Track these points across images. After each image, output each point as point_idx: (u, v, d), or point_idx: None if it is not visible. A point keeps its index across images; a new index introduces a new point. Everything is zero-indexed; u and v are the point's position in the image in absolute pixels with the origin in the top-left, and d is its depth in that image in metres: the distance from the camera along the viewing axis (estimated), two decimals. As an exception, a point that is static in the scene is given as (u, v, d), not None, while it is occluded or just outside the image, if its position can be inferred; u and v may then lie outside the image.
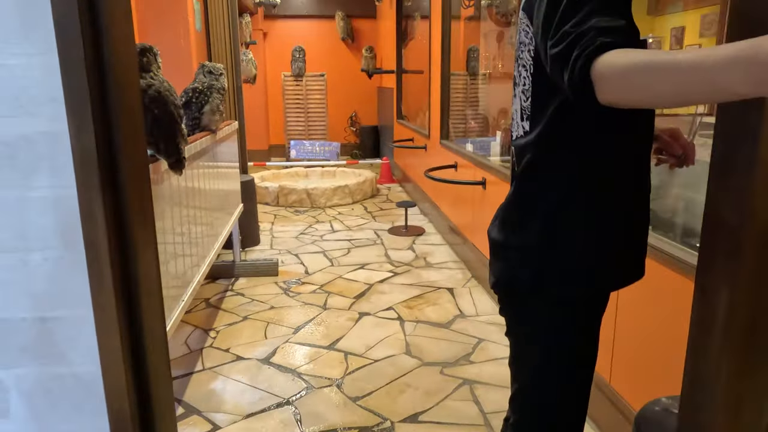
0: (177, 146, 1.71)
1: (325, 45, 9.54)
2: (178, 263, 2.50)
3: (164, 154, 1.74)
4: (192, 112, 2.77)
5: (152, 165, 1.79)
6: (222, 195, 3.40)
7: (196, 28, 4.29)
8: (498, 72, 7.14)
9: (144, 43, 1.77)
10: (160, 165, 1.90)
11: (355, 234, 5.06)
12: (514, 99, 1.12)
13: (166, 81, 1.77)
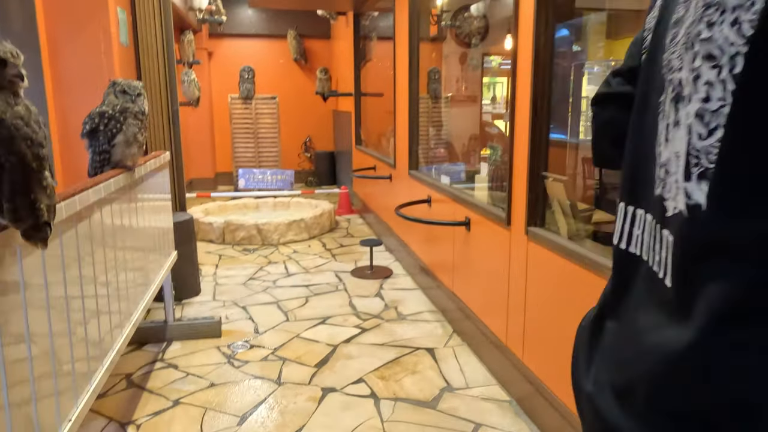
0: (32, 205, 1.07)
1: (277, 66, 8.93)
2: (91, 326, 1.83)
3: (10, 218, 1.10)
4: (99, 144, 2.10)
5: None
6: (149, 241, 2.72)
7: (120, 41, 3.61)
8: (461, 95, 6.74)
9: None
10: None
11: (314, 277, 4.41)
12: (662, 130, 0.56)
13: (25, 104, 1.14)
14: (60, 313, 1.58)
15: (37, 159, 1.15)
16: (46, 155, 1.17)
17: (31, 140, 1.15)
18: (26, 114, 1.16)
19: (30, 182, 1.13)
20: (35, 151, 1.15)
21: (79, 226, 1.71)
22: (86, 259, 1.79)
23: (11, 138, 1.11)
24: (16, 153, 1.11)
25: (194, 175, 8.61)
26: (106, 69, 3.51)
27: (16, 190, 1.11)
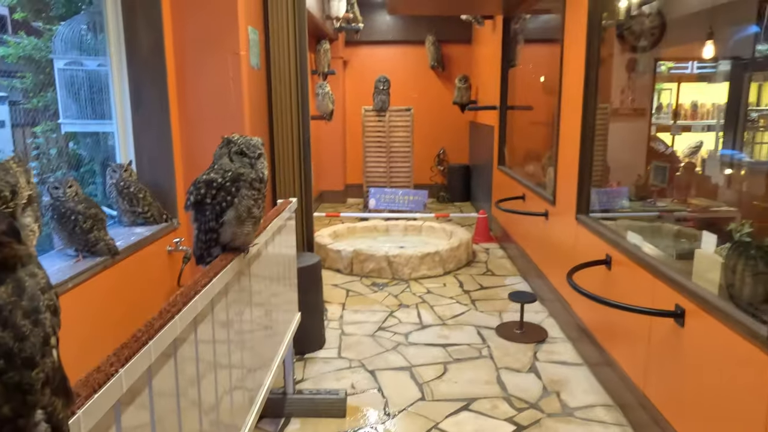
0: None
1: (413, 74, 8.42)
2: (224, 401, 1.48)
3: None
4: (206, 220, 1.62)
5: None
6: (268, 317, 2.25)
7: (251, 64, 3.23)
8: (626, 107, 5.68)
9: None
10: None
11: (452, 333, 3.76)
12: None
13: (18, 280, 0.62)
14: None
15: (15, 394, 0.61)
16: (36, 382, 0.63)
17: (6, 358, 0.61)
18: (12, 300, 0.63)
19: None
20: (13, 380, 0.61)
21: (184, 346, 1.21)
22: (205, 356, 1.30)
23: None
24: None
25: (324, 188, 8.38)
26: (234, 96, 3.14)
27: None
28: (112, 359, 0.93)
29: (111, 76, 2.91)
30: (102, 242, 2.28)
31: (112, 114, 2.96)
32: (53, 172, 4.87)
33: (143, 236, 2.67)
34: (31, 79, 5.65)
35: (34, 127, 5.19)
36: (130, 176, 2.78)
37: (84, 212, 2.23)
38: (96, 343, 2.25)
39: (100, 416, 0.87)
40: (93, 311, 2.25)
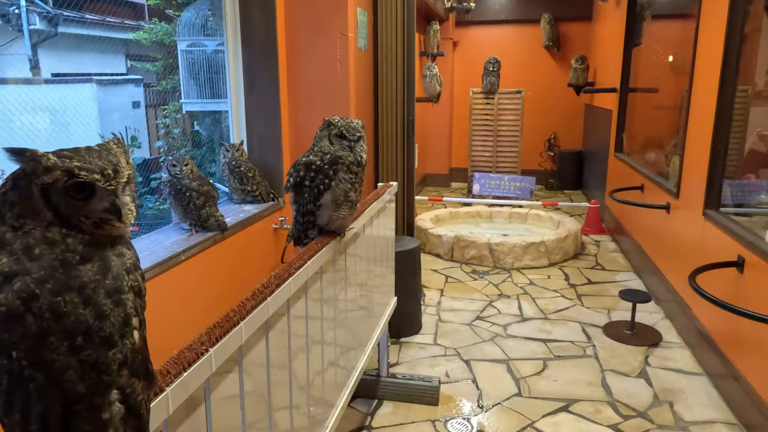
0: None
1: (525, 55, 8.05)
2: (317, 378, 1.60)
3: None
4: (304, 202, 1.63)
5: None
6: (364, 298, 2.25)
7: (358, 46, 3.23)
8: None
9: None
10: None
11: (555, 329, 3.58)
12: None
13: (104, 258, 0.63)
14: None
15: (91, 372, 0.63)
16: (113, 362, 0.64)
17: (85, 335, 0.63)
18: (96, 278, 0.64)
19: (71, 420, 0.62)
20: (90, 358, 0.63)
21: (278, 324, 1.23)
22: (299, 332, 1.32)
23: (40, 335, 0.60)
24: (46, 365, 0.61)
25: (428, 171, 8.33)
26: (341, 78, 3.16)
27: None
28: (203, 338, 0.95)
29: (227, 58, 3.03)
30: (213, 218, 2.41)
31: (228, 94, 3.10)
32: (178, 150, 5.25)
33: (251, 214, 2.78)
34: (161, 63, 6.10)
35: (163, 108, 5.62)
36: (241, 156, 2.90)
37: (198, 189, 2.36)
38: (208, 312, 2.39)
39: (189, 393, 0.89)
40: (203, 283, 2.39)
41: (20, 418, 0.61)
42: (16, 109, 5.18)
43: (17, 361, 0.60)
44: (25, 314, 0.59)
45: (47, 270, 0.61)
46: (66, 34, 6.75)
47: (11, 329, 0.59)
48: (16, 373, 0.60)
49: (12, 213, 0.63)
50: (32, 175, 0.63)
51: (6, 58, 6.38)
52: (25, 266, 0.60)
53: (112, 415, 0.64)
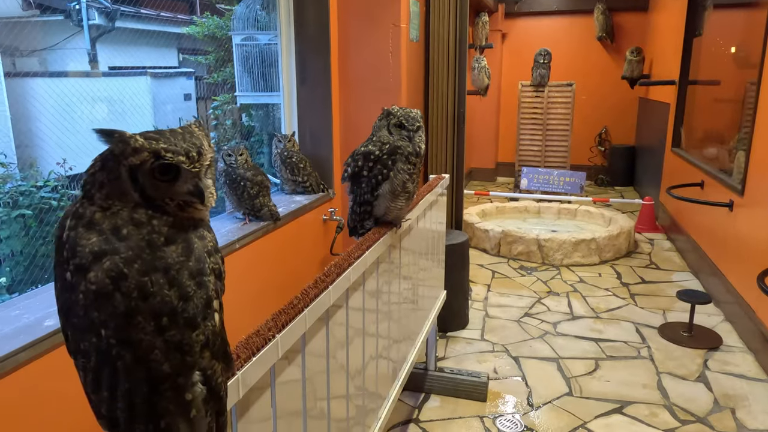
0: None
1: (576, 46, 7.83)
2: (369, 369, 1.61)
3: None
4: (361, 192, 1.62)
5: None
6: (415, 290, 2.24)
7: (410, 37, 3.20)
8: None
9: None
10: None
11: (607, 328, 3.48)
12: None
13: (187, 240, 0.62)
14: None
15: (175, 352, 0.63)
16: (195, 343, 0.65)
17: (170, 316, 0.63)
18: (180, 260, 0.64)
19: (156, 399, 0.62)
20: (174, 338, 0.63)
21: (336, 314, 1.23)
22: (354, 323, 1.32)
23: (128, 314, 0.61)
24: (133, 344, 0.61)
25: (474, 165, 8.23)
26: (393, 68, 3.14)
27: (133, 411, 0.62)
28: (270, 324, 0.96)
29: (280, 51, 3.06)
30: (266, 208, 2.43)
31: (280, 87, 3.13)
32: (228, 141, 5.35)
33: (302, 204, 2.80)
34: (213, 56, 6.22)
35: (214, 100, 5.73)
36: (293, 147, 2.92)
37: (252, 179, 2.39)
38: (259, 299, 2.42)
39: (258, 377, 0.90)
40: (254, 271, 2.42)
41: (108, 396, 0.62)
42: (77, 100, 5.38)
43: (106, 339, 0.61)
44: (114, 293, 0.60)
45: (135, 250, 0.62)
46: (122, 29, 6.97)
47: (101, 307, 0.60)
48: (105, 351, 0.61)
49: (101, 193, 0.63)
50: (120, 156, 0.63)
51: (67, 52, 6.64)
52: (114, 246, 0.61)
53: (194, 396, 0.65)
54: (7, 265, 3.17)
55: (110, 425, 0.63)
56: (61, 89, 5.69)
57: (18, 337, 1.32)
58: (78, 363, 0.64)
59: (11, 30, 5.65)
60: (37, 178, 3.54)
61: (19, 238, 3.11)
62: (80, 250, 0.61)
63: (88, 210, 0.63)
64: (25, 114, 5.13)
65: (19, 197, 3.19)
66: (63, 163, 3.83)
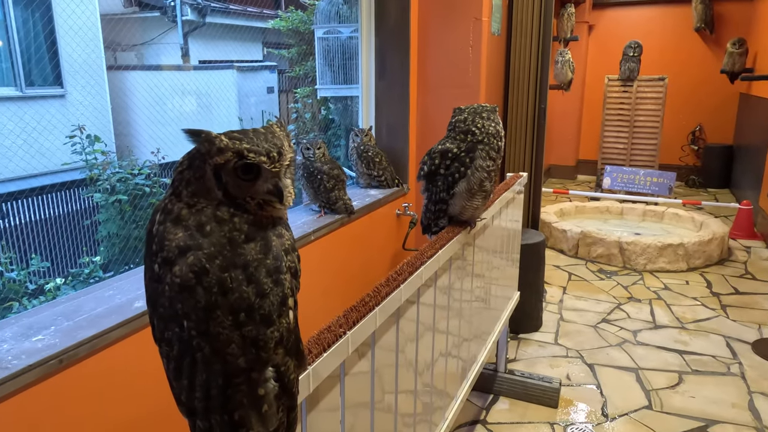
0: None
1: (671, 38, 7.37)
2: (438, 366, 1.60)
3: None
4: (437, 190, 1.60)
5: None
6: (487, 290, 2.20)
7: (492, 30, 3.13)
8: None
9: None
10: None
11: (693, 341, 3.26)
12: None
13: (266, 238, 0.63)
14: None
15: (251, 347, 0.65)
16: (270, 340, 0.66)
17: (247, 312, 0.64)
18: (258, 257, 0.66)
19: (231, 392, 0.64)
20: (251, 334, 0.65)
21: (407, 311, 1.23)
22: (424, 320, 1.32)
23: (208, 308, 0.63)
24: (211, 337, 0.63)
25: (554, 162, 7.97)
26: (472, 63, 3.08)
27: (209, 401, 0.64)
28: (341, 321, 0.97)
29: (360, 44, 3.08)
30: (341, 201, 2.47)
31: (359, 80, 3.15)
32: (307, 134, 5.48)
33: (376, 198, 2.82)
34: (295, 50, 6.38)
35: (295, 93, 5.88)
36: (369, 141, 2.94)
37: (328, 172, 2.43)
38: (331, 290, 2.47)
39: (328, 373, 0.91)
40: (327, 263, 2.46)
41: (187, 384, 0.65)
42: (169, 92, 5.69)
43: (187, 330, 0.63)
44: (196, 287, 0.63)
45: (216, 246, 0.64)
46: (212, 24, 7.29)
47: (184, 300, 0.63)
48: (186, 341, 0.64)
49: (187, 191, 0.66)
50: (206, 156, 0.66)
51: (162, 47, 7.04)
52: (198, 242, 0.64)
53: (267, 391, 0.66)
54: (104, 246, 3.41)
55: (188, 412, 0.66)
56: (155, 82, 6.04)
57: (110, 316, 1.42)
58: (162, 350, 0.67)
59: (114, 26, 6.05)
60: (133, 165, 3.79)
61: (115, 222, 3.34)
62: (167, 244, 0.64)
63: (176, 206, 0.66)
64: (124, 105, 5.50)
65: (116, 184, 3.42)
66: (157, 152, 4.08)
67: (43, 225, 3.74)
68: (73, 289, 2.71)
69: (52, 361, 1.23)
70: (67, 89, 4.85)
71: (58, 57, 4.89)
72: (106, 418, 1.37)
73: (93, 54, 5.05)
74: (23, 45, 4.69)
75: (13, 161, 3.92)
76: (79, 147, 3.48)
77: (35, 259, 3.05)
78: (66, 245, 3.72)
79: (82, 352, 1.31)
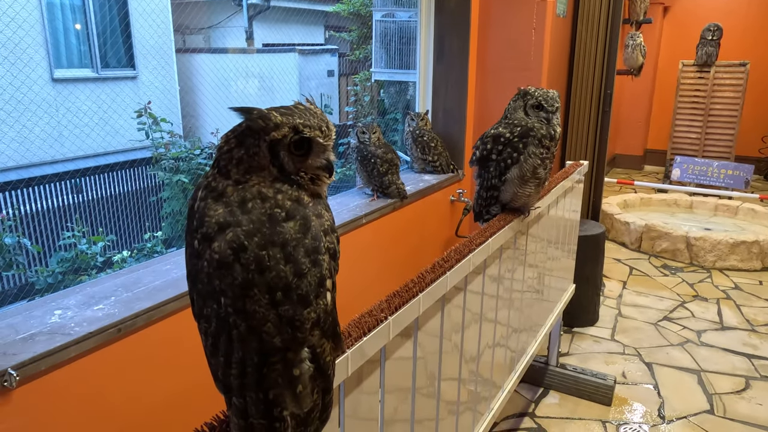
0: (268, 409, 0.62)
1: (755, 20, 6.86)
2: (485, 356, 1.60)
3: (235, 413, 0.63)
4: (489, 176, 1.56)
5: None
6: (542, 280, 2.14)
7: (557, 12, 3.00)
8: None
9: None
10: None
11: (764, 344, 3.07)
12: None
13: (305, 217, 0.63)
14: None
15: (287, 327, 0.65)
16: (306, 321, 0.66)
17: (284, 291, 0.64)
18: (297, 236, 0.65)
19: (266, 370, 0.64)
20: (287, 313, 0.64)
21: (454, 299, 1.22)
22: (472, 307, 1.31)
23: (246, 285, 0.63)
24: (247, 315, 0.63)
25: (619, 151, 7.64)
26: (535, 45, 2.98)
27: (245, 379, 0.64)
28: (383, 305, 0.96)
29: (419, 27, 3.03)
30: (394, 186, 2.46)
31: (416, 64, 3.11)
32: (365, 117, 5.49)
33: (430, 183, 2.79)
34: (356, 33, 6.39)
35: (354, 76, 5.90)
36: (425, 125, 2.90)
37: (382, 156, 2.42)
38: (382, 274, 2.47)
39: (366, 359, 0.91)
40: (379, 247, 2.47)
41: (223, 361, 0.66)
42: (234, 75, 5.83)
43: (225, 307, 0.64)
44: (234, 264, 0.63)
45: (256, 224, 0.64)
46: (276, 8, 7.40)
47: (222, 276, 0.64)
48: (223, 318, 0.65)
49: (238, 169, 0.67)
50: (261, 132, 0.66)
51: (228, 30, 7.20)
52: (237, 218, 0.64)
53: (302, 372, 0.67)
54: (167, 222, 3.57)
55: (225, 389, 0.67)
56: (221, 65, 6.21)
57: (166, 290, 1.48)
58: (201, 327, 0.68)
59: (183, 10, 6.24)
60: (195, 145, 3.92)
61: (177, 200, 3.48)
62: (207, 220, 0.65)
63: (221, 183, 0.67)
64: (191, 87, 5.69)
65: (180, 163, 3.55)
66: (216, 132, 4.21)
67: (113, 201, 3.94)
68: (137, 262, 2.85)
69: (111, 329, 1.30)
70: (139, 71, 5.06)
71: (131, 40, 5.10)
72: (158, 388, 1.44)
73: (163, 37, 5.24)
74: (99, 28, 4.91)
75: (90, 139, 4.14)
76: (146, 127, 3.63)
77: (99, 238, 3.22)
78: (133, 221, 3.91)
79: (139, 323, 1.37)
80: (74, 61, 4.78)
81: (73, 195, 3.68)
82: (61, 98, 4.23)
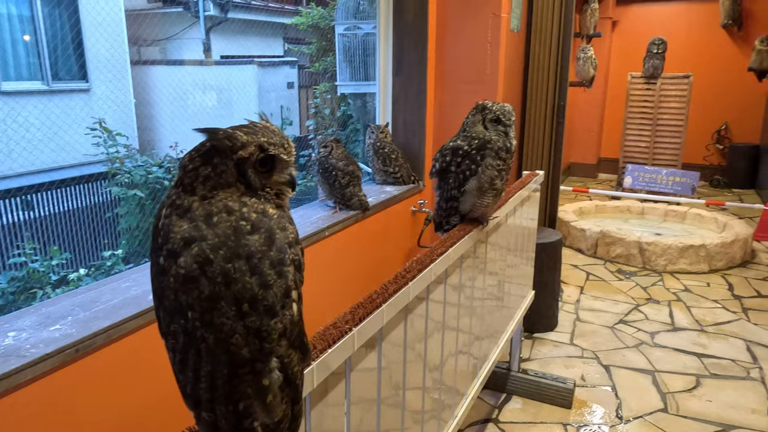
0: (238, 422, 0.63)
1: (696, 35, 7.23)
2: (448, 364, 1.61)
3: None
4: (448, 188, 1.60)
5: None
6: (500, 288, 2.19)
7: (511, 27, 3.10)
8: None
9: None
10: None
11: (712, 343, 3.21)
12: None
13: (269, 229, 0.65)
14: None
15: (254, 338, 0.66)
16: (273, 331, 0.67)
17: (250, 302, 0.66)
18: (262, 249, 0.67)
19: (235, 382, 0.65)
20: (254, 324, 0.66)
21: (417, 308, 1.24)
22: (435, 316, 1.33)
23: (212, 298, 0.64)
24: (215, 327, 0.64)
25: (574, 160, 7.88)
26: (490, 60, 3.06)
27: (214, 392, 0.65)
28: (348, 317, 0.97)
29: (378, 40, 3.08)
30: (356, 197, 2.47)
31: (376, 77, 3.15)
32: (326, 129, 5.50)
33: (391, 195, 2.82)
34: (315, 46, 6.40)
35: (314, 88, 5.91)
36: (385, 137, 2.94)
37: (344, 169, 2.44)
38: (346, 286, 2.48)
39: (333, 368, 0.92)
40: (342, 259, 2.48)
41: (192, 376, 0.66)
42: (191, 87, 5.75)
43: (192, 321, 0.65)
44: (200, 277, 0.64)
45: (221, 237, 0.66)
46: (234, 20, 7.35)
47: (188, 290, 0.64)
48: (191, 332, 0.65)
49: (205, 186, 0.68)
50: (229, 151, 0.68)
51: (185, 42, 7.11)
52: (202, 233, 0.65)
53: (271, 381, 0.68)
54: (125, 239, 3.48)
55: (194, 404, 0.68)
56: (178, 77, 6.11)
57: (126, 307, 1.45)
58: (168, 344, 0.69)
59: (138, 21, 6.13)
60: (152, 159, 3.85)
61: (134, 215, 3.41)
62: (172, 237, 0.65)
63: (186, 200, 0.68)
64: (147, 100, 5.58)
65: (135, 177, 3.48)
66: (175, 146, 4.14)
67: (67, 217, 3.83)
68: (95, 281, 2.77)
69: (69, 350, 1.26)
70: (92, 83, 4.93)
71: (83, 51, 4.97)
72: (119, 407, 1.41)
73: (117, 48, 5.13)
74: (49, 39, 4.77)
75: (42, 153, 4.01)
76: (101, 141, 3.55)
77: (56, 251, 3.13)
78: (88, 237, 3.80)
79: (98, 342, 1.34)
80: (23, 74, 4.63)
81: (23, 211, 3.56)
82: (10, 111, 4.09)
